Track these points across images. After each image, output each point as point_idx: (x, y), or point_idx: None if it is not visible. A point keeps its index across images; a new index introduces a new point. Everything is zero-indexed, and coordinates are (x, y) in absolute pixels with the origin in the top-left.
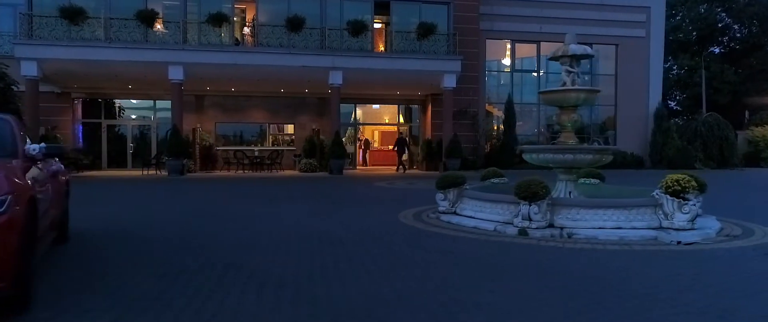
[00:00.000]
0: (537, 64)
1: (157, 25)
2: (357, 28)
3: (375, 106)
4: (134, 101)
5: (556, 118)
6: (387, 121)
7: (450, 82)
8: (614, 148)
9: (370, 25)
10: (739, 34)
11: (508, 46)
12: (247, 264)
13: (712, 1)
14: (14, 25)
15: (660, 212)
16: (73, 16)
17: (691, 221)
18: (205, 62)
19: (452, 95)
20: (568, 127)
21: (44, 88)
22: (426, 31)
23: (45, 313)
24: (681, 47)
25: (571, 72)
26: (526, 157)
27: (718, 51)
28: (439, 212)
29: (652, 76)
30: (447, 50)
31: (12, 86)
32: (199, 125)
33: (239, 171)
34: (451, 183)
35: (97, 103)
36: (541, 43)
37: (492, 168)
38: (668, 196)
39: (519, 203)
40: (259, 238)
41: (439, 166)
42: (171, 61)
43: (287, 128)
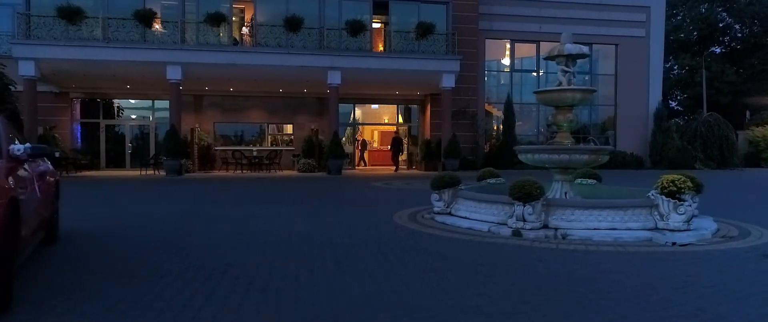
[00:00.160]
0: (537, 64)
1: (156, 25)
2: (356, 28)
3: (374, 106)
4: (133, 101)
5: (551, 118)
6: (386, 121)
7: (449, 82)
8: (610, 148)
9: (369, 24)
10: (740, 34)
11: (508, 46)
12: (234, 267)
13: (713, 0)
14: (12, 25)
15: (656, 212)
16: (71, 15)
17: (687, 222)
18: (203, 62)
19: (451, 95)
20: (564, 127)
21: (42, 88)
22: (425, 30)
23: (26, 314)
24: (682, 47)
25: (566, 72)
26: (522, 158)
27: (718, 51)
28: (434, 212)
29: (652, 76)
30: (446, 50)
31: (10, 86)
32: (197, 125)
33: (238, 171)
34: (446, 183)
35: (96, 103)
36: (541, 42)
37: (488, 168)
38: (664, 196)
39: (513, 204)
40: (250, 239)
41: (439, 166)
42: (169, 61)
43: (286, 128)
